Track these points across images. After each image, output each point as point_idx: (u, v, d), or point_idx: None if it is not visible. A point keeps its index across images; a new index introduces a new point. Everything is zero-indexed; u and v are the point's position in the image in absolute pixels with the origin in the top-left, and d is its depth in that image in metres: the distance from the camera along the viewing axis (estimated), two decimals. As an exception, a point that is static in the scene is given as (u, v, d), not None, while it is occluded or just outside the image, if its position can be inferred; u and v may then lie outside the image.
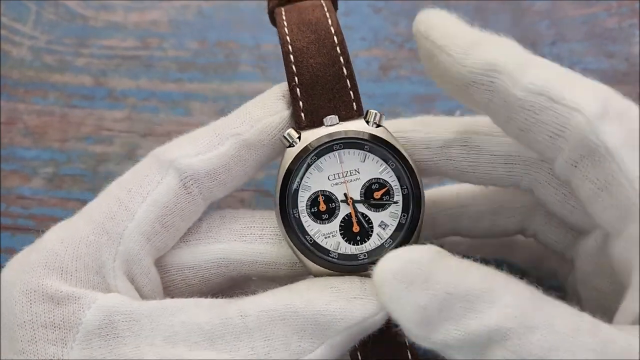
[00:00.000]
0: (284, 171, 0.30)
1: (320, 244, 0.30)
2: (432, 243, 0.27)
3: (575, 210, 0.31)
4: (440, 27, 0.28)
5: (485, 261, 0.27)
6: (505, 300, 0.25)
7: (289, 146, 0.30)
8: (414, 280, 0.25)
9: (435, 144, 0.31)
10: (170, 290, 0.33)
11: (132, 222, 0.30)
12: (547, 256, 0.37)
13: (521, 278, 0.27)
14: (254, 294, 0.29)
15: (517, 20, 0.48)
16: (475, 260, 0.27)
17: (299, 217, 0.30)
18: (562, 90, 0.26)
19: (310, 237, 0.30)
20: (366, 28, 0.49)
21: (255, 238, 0.32)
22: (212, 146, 0.31)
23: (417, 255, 0.26)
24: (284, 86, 0.31)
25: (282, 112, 0.31)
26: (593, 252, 0.31)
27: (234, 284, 0.35)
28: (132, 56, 0.48)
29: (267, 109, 0.31)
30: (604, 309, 0.29)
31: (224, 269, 0.32)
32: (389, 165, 0.30)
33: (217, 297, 0.30)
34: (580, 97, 0.26)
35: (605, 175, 0.26)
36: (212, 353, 0.27)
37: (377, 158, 0.30)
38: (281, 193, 0.30)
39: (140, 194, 0.30)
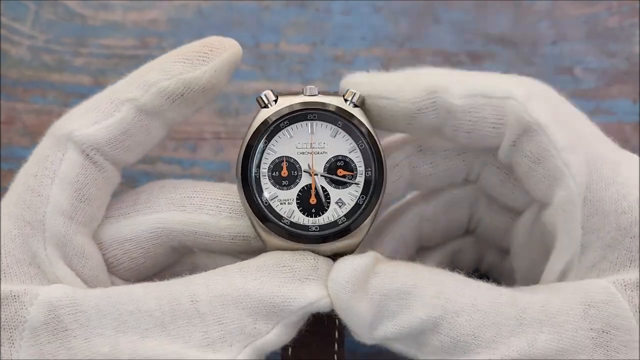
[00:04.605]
0: (253, 130, 0.30)
1: (275, 208, 0.30)
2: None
3: (515, 188, 0.33)
4: (367, 81, 0.30)
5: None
6: (430, 292, 0.28)
7: (264, 107, 0.30)
8: (357, 289, 0.28)
9: (399, 158, 0.33)
10: (114, 266, 0.32)
11: (48, 207, 0.29)
12: (484, 253, 0.39)
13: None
14: (202, 268, 0.29)
15: (517, 19, 0.48)
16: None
17: (259, 177, 0.30)
18: (490, 86, 0.30)
19: (266, 199, 0.30)
20: (366, 27, 0.49)
21: (195, 208, 0.32)
22: (107, 114, 0.30)
23: (358, 264, 0.28)
24: (188, 48, 0.30)
25: (181, 75, 0.30)
26: (527, 228, 0.34)
27: (179, 256, 0.34)
28: (131, 55, 0.48)
29: (164, 72, 0.30)
30: (537, 278, 0.32)
31: (164, 239, 0.32)
32: (358, 145, 0.30)
33: (163, 275, 0.30)
34: (508, 86, 0.30)
35: (538, 148, 0.29)
36: (166, 339, 0.27)
37: (347, 136, 0.30)
38: (246, 151, 0.30)
39: (47, 176, 0.29)
